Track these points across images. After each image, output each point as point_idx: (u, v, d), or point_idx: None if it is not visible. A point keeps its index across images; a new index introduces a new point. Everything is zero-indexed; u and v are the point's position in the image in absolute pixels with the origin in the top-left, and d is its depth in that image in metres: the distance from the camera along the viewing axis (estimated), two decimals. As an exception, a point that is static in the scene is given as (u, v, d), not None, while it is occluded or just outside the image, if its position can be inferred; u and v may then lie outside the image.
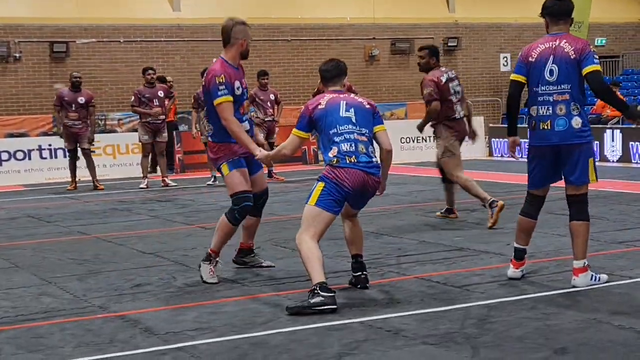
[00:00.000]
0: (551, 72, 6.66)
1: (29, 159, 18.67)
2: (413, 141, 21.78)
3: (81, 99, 16.10)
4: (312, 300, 6.14)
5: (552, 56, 6.69)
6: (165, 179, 16.46)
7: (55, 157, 18.88)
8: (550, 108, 6.70)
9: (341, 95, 6.82)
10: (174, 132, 19.76)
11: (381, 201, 12.73)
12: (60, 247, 9.63)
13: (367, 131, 6.68)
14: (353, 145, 6.55)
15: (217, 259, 7.42)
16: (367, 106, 6.81)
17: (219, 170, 7.51)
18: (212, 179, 16.56)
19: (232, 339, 5.58)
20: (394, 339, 5.43)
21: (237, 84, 7.31)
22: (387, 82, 25.69)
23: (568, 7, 6.80)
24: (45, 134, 20.60)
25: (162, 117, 16.16)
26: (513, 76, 6.92)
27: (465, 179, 10.30)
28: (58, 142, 19.06)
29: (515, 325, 5.61)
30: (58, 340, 5.71)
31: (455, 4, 26.70)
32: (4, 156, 18.49)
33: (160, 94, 16.20)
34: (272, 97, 17.03)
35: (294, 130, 6.77)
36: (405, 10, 25.98)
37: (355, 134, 6.60)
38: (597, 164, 6.89)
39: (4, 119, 20.73)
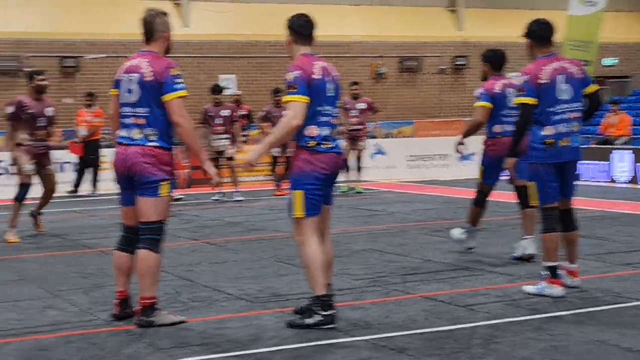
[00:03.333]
0: (565, 91, 7.01)
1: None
2: (420, 159, 21.80)
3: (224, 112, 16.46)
4: (311, 322, 6.14)
5: (563, 76, 6.98)
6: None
7: (63, 171, 18.92)
8: (568, 126, 7.08)
9: (325, 65, 6.37)
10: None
11: (386, 219, 12.76)
12: (65, 260, 9.65)
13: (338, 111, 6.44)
14: (330, 130, 6.29)
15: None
16: (339, 81, 6.44)
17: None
18: (221, 195, 16.52)
19: (236, 354, 5.59)
20: (398, 357, 5.43)
21: None
22: (394, 100, 25.73)
23: (553, 30, 7.28)
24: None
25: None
26: (525, 100, 7.07)
27: None
28: (66, 156, 19.14)
29: (521, 345, 5.61)
30: (63, 353, 5.72)
31: (464, 22, 26.77)
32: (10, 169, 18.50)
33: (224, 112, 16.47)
34: (361, 105, 17.25)
35: (295, 96, 6.15)
36: (413, 28, 26.06)
37: (333, 118, 6.34)
38: (606, 184, 7.30)
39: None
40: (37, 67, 21.56)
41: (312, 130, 6.21)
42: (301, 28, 6.39)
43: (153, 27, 6.55)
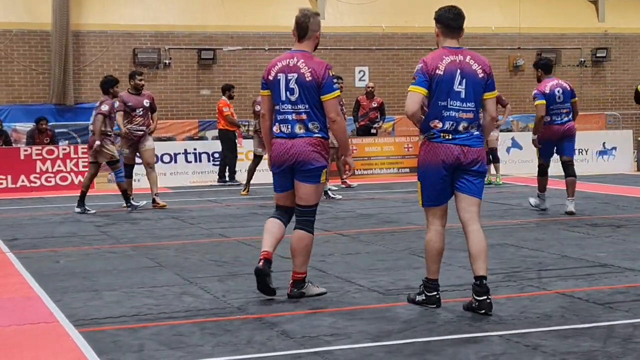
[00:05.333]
0: None
1: (175, 162, 19.18)
2: (557, 154, 21.30)
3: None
4: (417, 298, 6.63)
5: None
6: None
7: (200, 161, 19.34)
8: None
9: (457, 60, 6.43)
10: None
11: (522, 214, 12.51)
12: (202, 249, 9.85)
13: (474, 105, 6.43)
14: (454, 123, 6.38)
15: None
16: (481, 75, 6.44)
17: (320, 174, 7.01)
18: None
19: (367, 346, 5.57)
20: (532, 354, 5.30)
21: None
22: (531, 93, 25.17)
23: None
24: (190, 138, 21.15)
25: None
26: None
27: None
28: (203, 146, 19.56)
29: (662, 346, 5.40)
30: (198, 338, 5.83)
31: (606, 13, 25.96)
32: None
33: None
34: None
35: (412, 87, 6.40)
36: (552, 20, 25.44)
37: (462, 112, 6.39)
38: None
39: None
40: (176, 59, 22.26)
41: (435, 123, 6.41)
42: (449, 21, 6.48)
43: (307, 27, 7.01)
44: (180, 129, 21.74)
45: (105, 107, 13.59)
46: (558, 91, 12.01)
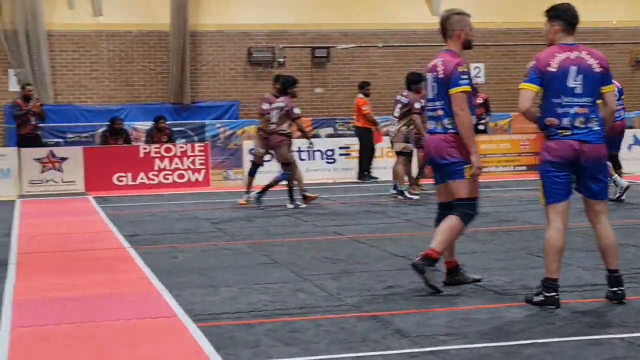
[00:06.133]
0: None
1: (289, 159, 19.29)
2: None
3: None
4: (535, 299, 6.48)
5: None
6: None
7: (313, 158, 19.43)
8: None
9: (572, 56, 6.41)
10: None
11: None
12: (315, 246, 9.89)
13: (591, 100, 6.40)
14: (571, 119, 6.36)
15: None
16: (597, 69, 6.42)
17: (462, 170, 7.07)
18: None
19: (483, 346, 5.48)
20: (657, 358, 5.13)
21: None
22: (653, 89, 24.46)
23: None
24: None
25: None
26: None
27: None
28: (316, 144, 19.59)
29: None
30: (313, 335, 5.85)
31: None
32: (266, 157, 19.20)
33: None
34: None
35: (523, 84, 6.48)
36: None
37: (578, 108, 6.36)
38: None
39: (268, 121, 21.55)
40: (290, 58, 22.42)
41: (552, 121, 6.40)
42: (572, 18, 6.49)
43: (446, 26, 7.25)
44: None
45: (297, 110, 13.90)
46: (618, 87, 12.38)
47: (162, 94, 22.03)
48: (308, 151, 19.31)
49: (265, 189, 14.22)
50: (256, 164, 14.84)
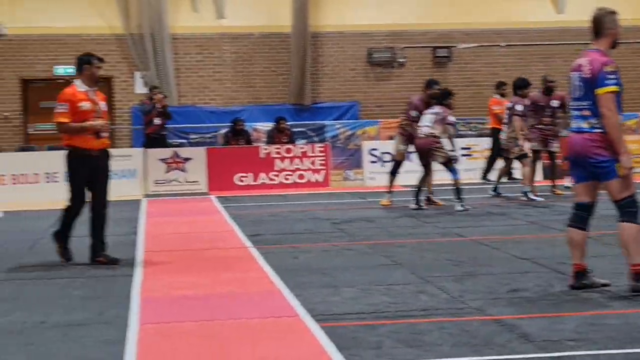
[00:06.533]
0: None
1: (411, 160, 19.15)
2: None
3: (554, 102, 15.69)
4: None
5: None
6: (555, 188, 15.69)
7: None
8: None
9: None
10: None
11: None
12: (437, 248, 9.79)
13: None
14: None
15: None
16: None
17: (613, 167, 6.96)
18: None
19: (613, 353, 5.32)
20: None
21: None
22: None
23: None
24: (426, 136, 21.09)
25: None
26: None
27: None
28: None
29: None
30: (436, 338, 5.78)
31: None
32: (387, 157, 19.15)
33: (554, 103, 15.54)
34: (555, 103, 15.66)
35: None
36: None
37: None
38: None
39: (388, 122, 21.49)
40: (411, 58, 22.32)
41: None
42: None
43: (601, 25, 7.21)
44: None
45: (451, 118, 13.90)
46: None
47: (282, 95, 22.24)
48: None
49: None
50: (398, 162, 14.76)
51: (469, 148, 19.56)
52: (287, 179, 18.68)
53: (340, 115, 22.23)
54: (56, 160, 8.65)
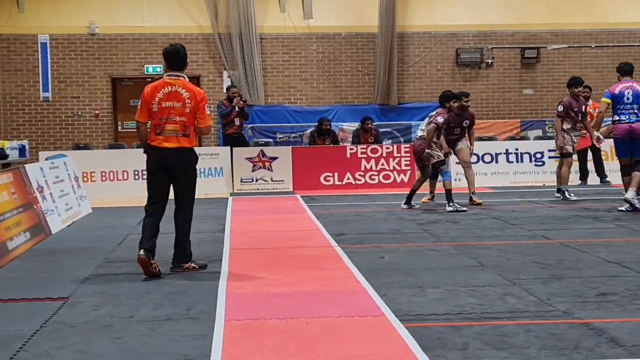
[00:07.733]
0: None
1: (496, 162, 19.05)
2: None
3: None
4: None
5: None
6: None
7: (521, 161, 19.06)
8: None
9: None
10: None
11: None
12: (524, 250, 9.68)
13: None
14: None
15: None
16: None
17: None
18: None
19: None
20: None
21: None
22: None
23: None
24: (512, 138, 20.90)
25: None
26: None
27: None
28: (525, 146, 19.26)
29: None
30: (522, 340, 5.73)
31: None
32: (472, 158, 19.02)
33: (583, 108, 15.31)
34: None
35: None
36: None
37: None
38: None
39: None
40: (499, 58, 22.10)
41: None
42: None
43: None
44: (501, 129, 21.57)
45: (440, 119, 14.12)
46: (628, 92, 13.13)
47: (369, 95, 22.25)
48: (516, 154, 18.98)
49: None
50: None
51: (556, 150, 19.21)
52: (372, 179, 18.69)
53: (427, 115, 22.06)
54: (144, 158, 8.78)
